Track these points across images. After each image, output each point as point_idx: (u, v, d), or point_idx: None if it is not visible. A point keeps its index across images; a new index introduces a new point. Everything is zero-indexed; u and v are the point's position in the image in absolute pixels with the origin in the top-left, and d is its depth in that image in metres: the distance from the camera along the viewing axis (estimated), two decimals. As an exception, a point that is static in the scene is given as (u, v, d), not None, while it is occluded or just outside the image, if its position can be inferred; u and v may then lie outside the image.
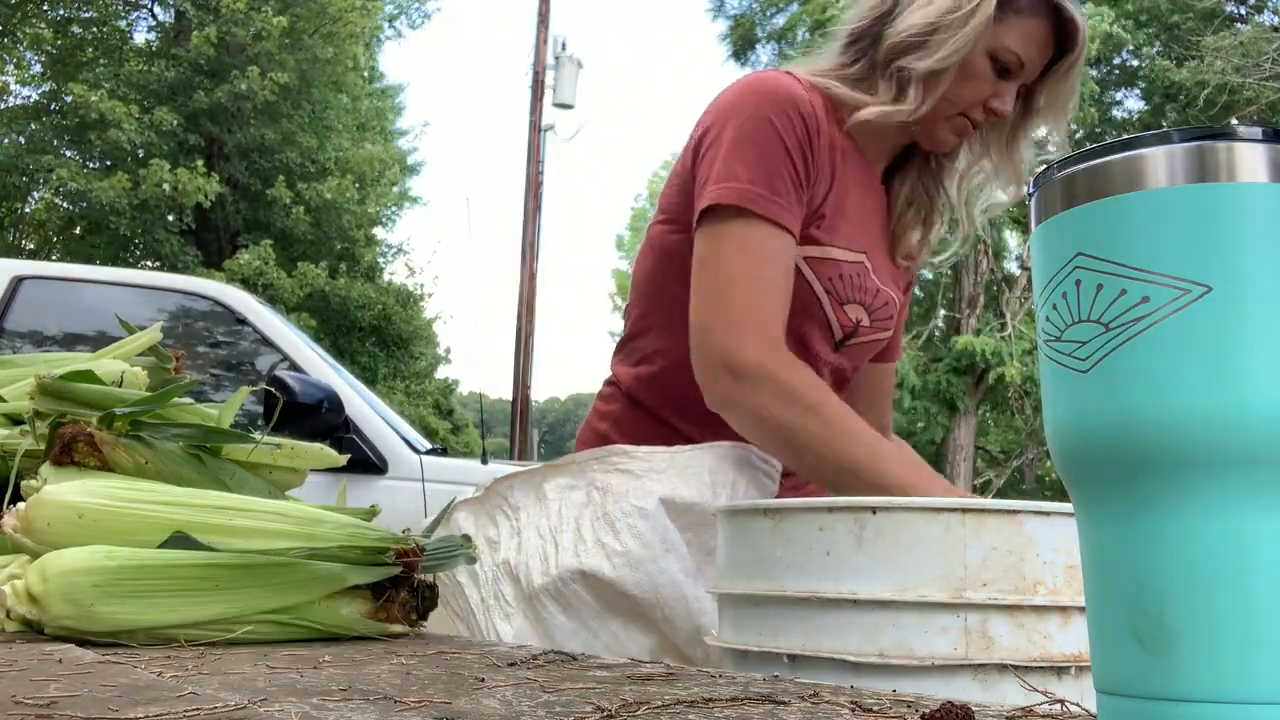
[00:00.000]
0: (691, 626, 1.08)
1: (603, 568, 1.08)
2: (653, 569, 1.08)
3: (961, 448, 14.09)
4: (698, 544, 1.12)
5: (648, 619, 1.08)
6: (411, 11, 17.30)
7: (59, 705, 0.52)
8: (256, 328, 3.38)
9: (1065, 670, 0.75)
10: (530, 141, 13.09)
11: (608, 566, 1.08)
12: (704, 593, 1.09)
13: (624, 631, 1.09)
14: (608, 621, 1.09)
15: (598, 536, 1.10)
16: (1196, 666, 0.39)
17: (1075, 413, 0.42)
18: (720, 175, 1.22)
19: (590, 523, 1.12)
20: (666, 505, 1.11)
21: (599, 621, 1.09)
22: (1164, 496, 0.40)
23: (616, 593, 1.08)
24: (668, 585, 1.08)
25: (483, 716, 0.52)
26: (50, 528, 0.84)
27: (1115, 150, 0.42)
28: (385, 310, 14.30)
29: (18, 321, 3.36)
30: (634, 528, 1.09)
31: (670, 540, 1.09)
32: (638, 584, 1.07)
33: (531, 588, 1.10)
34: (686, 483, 1.12)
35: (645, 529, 1.09)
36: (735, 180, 1.21)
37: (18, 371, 1.27)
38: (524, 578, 1.11)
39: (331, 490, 1.29)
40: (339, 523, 0.93)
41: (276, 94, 13.06)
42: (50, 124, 14.05)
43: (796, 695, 0.61)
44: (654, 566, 1.08)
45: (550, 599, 1.09)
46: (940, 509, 0.75)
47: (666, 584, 1.08)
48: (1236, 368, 0.38)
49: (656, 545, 1.09)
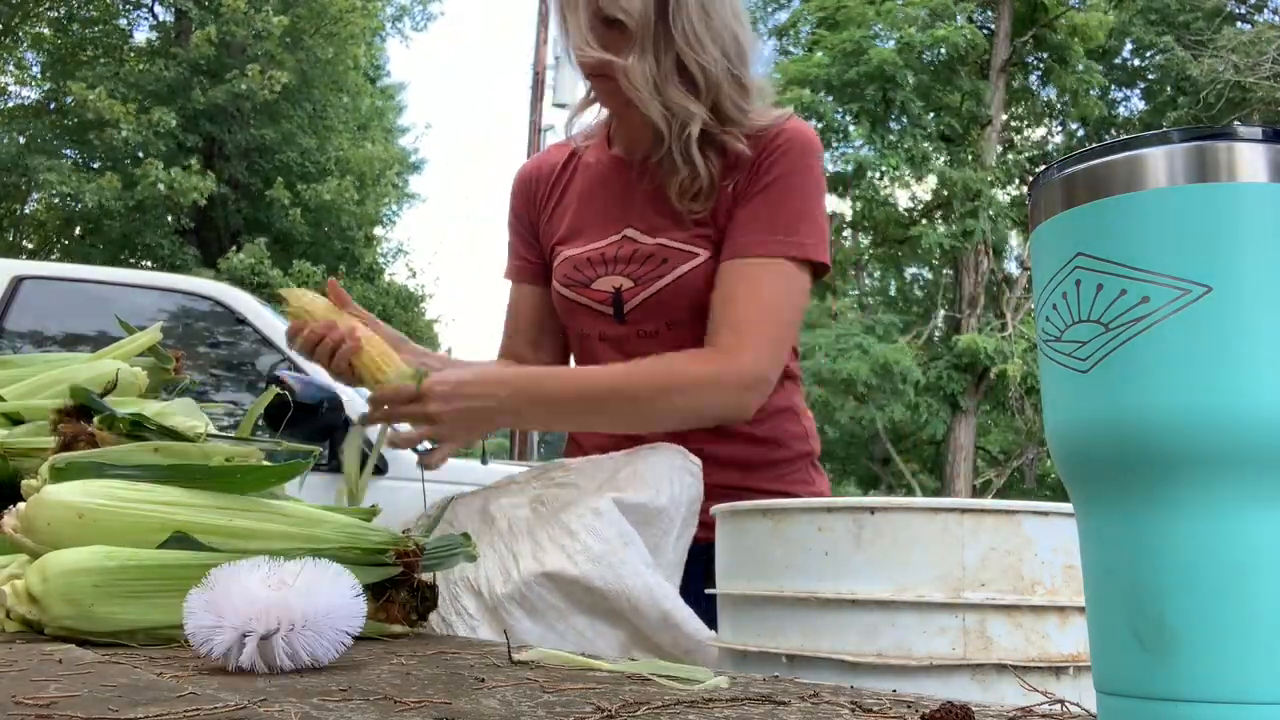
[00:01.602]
0: (658, 613, 1.09)
1: (566, 567, 1.10)
2: (615, 560, 1.10)
3: (961, 448, 14.09)
4: (649, 540, 1.16)
5: (615, 611, 1.10)
6: (414, 13, 17.32)
7: (59, 705, 0.52)
8: (256, 328, 3.38)
9: (1063, 670, 0.75)
10: (530, 141, 13.09)
11: (570, 565, 1.10)
12: (665, 580, 1.13)
13: (591, 628, 1.10)
14: (574, 620, 1.10)
15: (556, 541, 1.13)
16: (1196, 666, 0.39)
17: (1075, 413, 0.42)
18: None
19: (546, 530, 1.15)
20: (618, 504, 1.14)
21: (565, 622, 1.10)
22: (1164, 496, 0.40)
23: (583, 589, 1.09)
24: (631, 575, 1.09)
25: (483, 716, 0.52)
26: (50, 528, 0.84)
27: (1115, 150, 0.42)
28: (386, 311, 14.30)
29: (18, 321, 3.36)
30: (591, 527, 1.12)
31: (627, 534, 1.12)
32: (602, 577, 1.09)
33: (495, 597, 1.11)
34: (630, 484, 1.17)
35: (602, 526, 1.12)
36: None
37: (18, 371, 1.27)
38: (485, 589, 1.13)
39: (331, 490, 1.29)
40: (339, 523, 0.93)
41: (276, 94, 13.05)
42: (50, 124, 14.05)
43: (796, 695, 0.62)
44: (615, 559, 1.10)
45: (515, 605, 1.10)
46: (939, 509, 0.75)
47: (630, 574, 1.09)
48: (1236, 368, 0.38)
49: (615, 540, 1.11)
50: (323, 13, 14.01)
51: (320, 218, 13.86)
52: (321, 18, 14.07)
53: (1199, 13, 15.04)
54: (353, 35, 14.54)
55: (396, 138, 18.05)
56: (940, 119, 14.90)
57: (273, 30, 12.96)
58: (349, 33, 14.38)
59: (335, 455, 2.95)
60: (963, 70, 14.97)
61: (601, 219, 1.47)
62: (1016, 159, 15.27)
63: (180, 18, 14.16)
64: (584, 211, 1.49)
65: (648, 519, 1.17)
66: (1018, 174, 14.80)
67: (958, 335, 14.02)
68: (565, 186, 1.53)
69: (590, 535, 1.11)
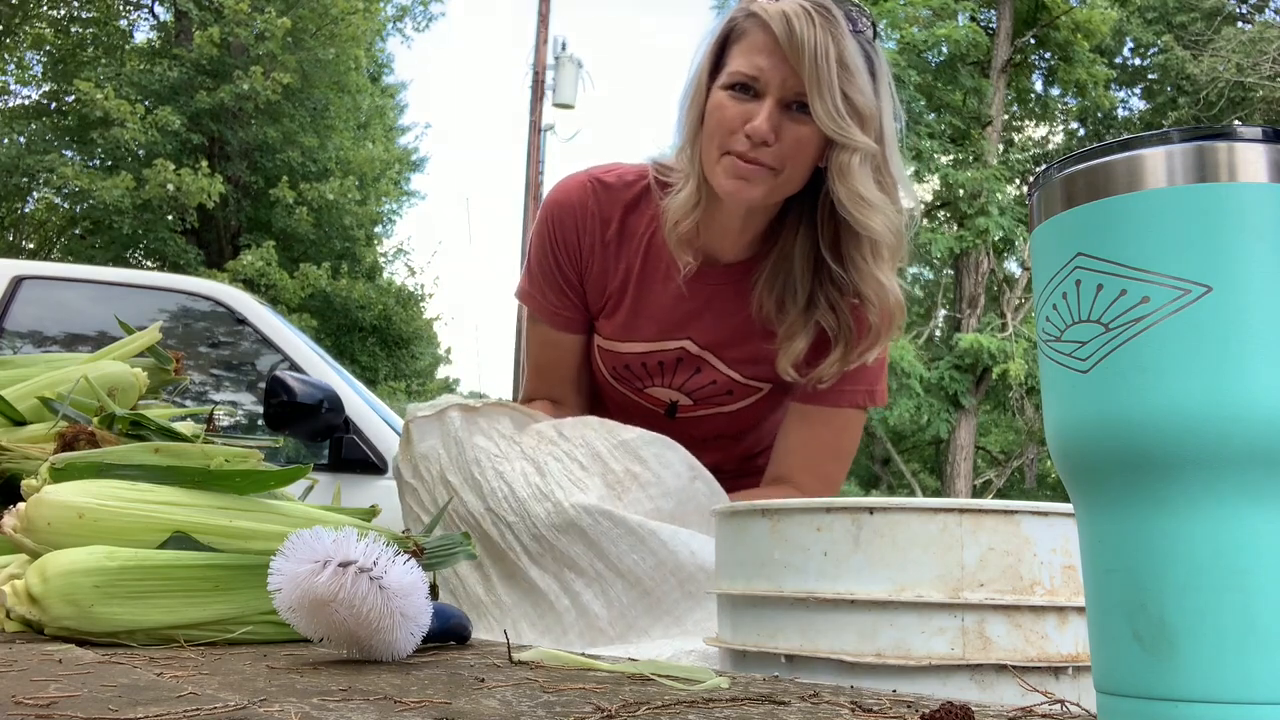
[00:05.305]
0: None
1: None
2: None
3: (962, 448, 14.08)
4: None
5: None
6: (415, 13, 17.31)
7: (59, 705, 0.52)
8: (256, 328, 3.37)
9: (1063, 670, 0.75)
10: (530, 141, 13.09)
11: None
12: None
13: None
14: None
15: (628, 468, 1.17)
16: (1196, 666, 0.39)
17: (1075, 413, 0.42)
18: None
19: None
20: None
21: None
22: (1164, 496, 0.40)
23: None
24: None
25: (483, 716, 0.52)
26: (50, 528, 0.84)
27: (1115, 150, 0.42)
28: (386, 310, 14.30)
29: (18, 321, 3.36)
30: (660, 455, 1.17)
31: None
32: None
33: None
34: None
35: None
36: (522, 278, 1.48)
37: (18, 372, 1.27)
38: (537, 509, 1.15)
39: (331, 490, 1.29)
40: (339, 523, 0.93)
41: (279, 94, 13.05)
42: (50, 124, 14.05)
43: (796, 695, 0.61)
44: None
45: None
46: (938, 509, 0.75)
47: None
48: (1236, 368, 0.38)
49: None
50: (324, 13, 14.01)
51: (322, 217, 13.86)
52: (323, 18, 14.07)
53: (1197, 13, 15.04)
54: (354, 36, 14.53)
55: (397, 137, 18.05)
56: (941, 118, 14.89)
57: (275, 31, 12.96)
58: (350, 33, 14.38)
59: (335, 455, 2.96)
60: (963, 69, 14.96)
61: (658, 318, 1.40)
62: (1019, 158, 15.27)
63: (180, 18, 14.16)
64: (641, 303, 1.40)
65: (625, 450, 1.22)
66: (1019, 173, 14.80)
67: (959, 335, 14.01)
68: (617, 253, 1.40)
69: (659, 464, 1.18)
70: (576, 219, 1.40)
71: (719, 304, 1.38)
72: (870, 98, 1.23)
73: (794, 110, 1.23)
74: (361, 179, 14.37)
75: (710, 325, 1.39)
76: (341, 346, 13.67)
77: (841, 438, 1.42)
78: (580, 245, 1.40)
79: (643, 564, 1.11)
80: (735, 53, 1.25)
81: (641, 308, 1.40)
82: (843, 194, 1.23)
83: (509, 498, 1.14)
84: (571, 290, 1.43)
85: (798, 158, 1.25)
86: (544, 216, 1.42)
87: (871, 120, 1.23)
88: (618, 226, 1.39)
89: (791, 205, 1.34)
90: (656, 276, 1.38)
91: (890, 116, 1.27)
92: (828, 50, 1.19)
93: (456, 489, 1.16)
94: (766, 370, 1.38)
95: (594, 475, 1.16)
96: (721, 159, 1.25)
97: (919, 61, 14.66)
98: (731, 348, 1.39)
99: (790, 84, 1.22)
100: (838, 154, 1.23)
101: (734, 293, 1.37)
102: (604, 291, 1.41)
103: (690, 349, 1.40)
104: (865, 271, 1.28)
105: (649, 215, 1.38)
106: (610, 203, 1.40)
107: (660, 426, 1.44)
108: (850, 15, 1.23)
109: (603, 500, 1.13)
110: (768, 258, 1.36)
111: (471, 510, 1.15)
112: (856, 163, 1.22)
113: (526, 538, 1.13)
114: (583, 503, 1.12)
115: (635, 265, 1.39)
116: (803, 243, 1.34)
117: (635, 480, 1.17)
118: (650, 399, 1.45)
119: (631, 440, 1.19)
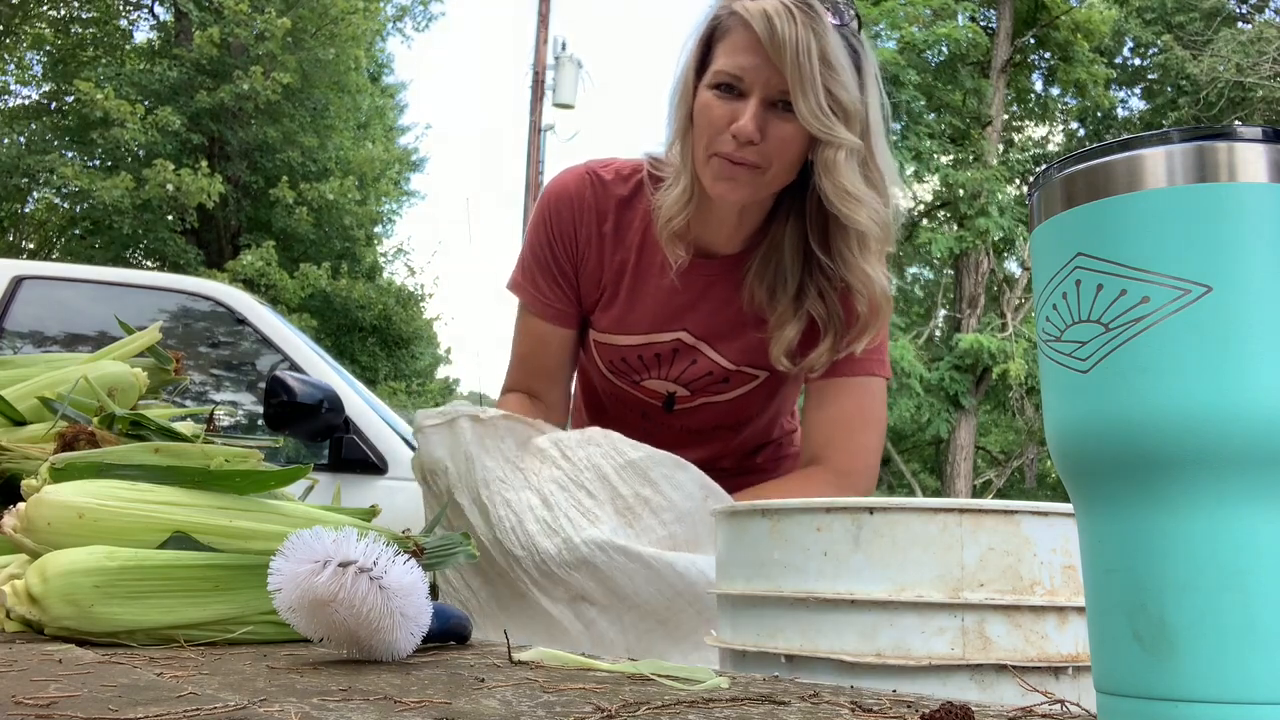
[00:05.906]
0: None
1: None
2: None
3: (962, 448, 14.08)
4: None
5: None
6: (415, 13, 17.31)
7: (59, 705, 0.52)
8: (256, 328, 3.37)
9: (1062, 671, 0.75)
10: (530, 142, 13.09)
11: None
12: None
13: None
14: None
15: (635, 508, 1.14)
16: (1196, 666, 0.39)
17: (1075, 413, 0.42)
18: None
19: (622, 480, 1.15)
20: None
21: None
22: (1164, 496, 0.40)
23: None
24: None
25: (483, 716, 0.52)
26: (50, 528, 0.84)
27: (1115, 150, 0.42)
28: (386, 310, 14.30)
29: (18, 321, 3.35)
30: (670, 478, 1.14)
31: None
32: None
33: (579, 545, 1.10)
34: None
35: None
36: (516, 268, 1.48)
37: (18, 372, 1.27)
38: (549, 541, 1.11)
39: (330, 490, 1.28)
40: (339, 523, 0.92)
41: (279, 94, 13.06)
42: (50, 124, 14.05)
43: (796, 695, 0.61)
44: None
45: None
46: (937, 509, 0.75)
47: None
48: (1236, 368, 0.38)
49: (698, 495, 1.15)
50: (324, 13, 14.01)
51: (322, 217, 13.86)
52: (323, 18, 14.07)
53: (1196, 13, 15.04)
54: (354, 36, 14.53)
55: (397, 137, 18.06)
56: (941, 118, 14.89)
57: (275, 31, 12.96)
58: (350, 33, 14.38)
59: (335, 455, 2.96)
60: (963, 69, 14.96)
61: (653, 310, 1.41)
62: (1019, 158, 15.27)
63: (180, 18, 14.16)
64: (637, 295, 1.41)
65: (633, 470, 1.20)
66: (1019, 173, 14.80)
67: (959, 335, 14.01)
68: (613, 246, 1.42)
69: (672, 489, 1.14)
70: (574, 210, 1.41)
71: (714, 295, 1.39)
72: (854, 93, 1.23)
73: (779, 108, 1.24)
74: (361, 179, 14.37)
75: (705, 316, 1.40)
76: (341, 346, 13.66)
77: (865, 405, 1.39)
78: (577, 236, 1.41)
79: (659, 596, 1.08)
80: (720, 51, 1.26)
81: (637, 300, 1.41)
82: (829, 189, 1.24)
83: (516, 528, 1.11)
84: (565, 281, 1.43)
85: (784, 155, 1.25)
86: (542, 207, 1.43)
87: (856, 115, 1.23)
88: (614, 219, 1.40)
89: (783, 196, 1.35)
90: (652, 269, 1.39)
91: (877, 108, 1.28)
92: (810, 47, 1.19)
93: (465, 510, 1.14)
94: (761, 358, 1.39)
95: (604, 503, 1.13)
96: (710, 160, 1.26)
97: (919, 61, 14.66)
98: (727, 337, 1.40)
99: (774, 83, 1.22)
100: (823, 150, 1.23)
101: (728, 283, 1.38)
102: (599, 283, 1.42)
103: (686, 340, 1.40)
104: (852, 263, 1.29)
105: (644, 209, 1.39)
106: (607, 195, 1.41)
107: (659, 419, 1.44)
108: (833, 7, 1.24)
109: (615, 533, 1.10)
110: (759, 248, 1.37)
111: (480, 535, 1.13)
112: (842, 158, 1.23)
113: (536, 573, 1.10)
114: (595, 538, 1.09)
115: (630, 258, 1.40)
116: (792, 233, 1.35)
117: (646, 505, 1.13)
118: (647, 392, 1.45)
119: (639, 460, 1.15)
